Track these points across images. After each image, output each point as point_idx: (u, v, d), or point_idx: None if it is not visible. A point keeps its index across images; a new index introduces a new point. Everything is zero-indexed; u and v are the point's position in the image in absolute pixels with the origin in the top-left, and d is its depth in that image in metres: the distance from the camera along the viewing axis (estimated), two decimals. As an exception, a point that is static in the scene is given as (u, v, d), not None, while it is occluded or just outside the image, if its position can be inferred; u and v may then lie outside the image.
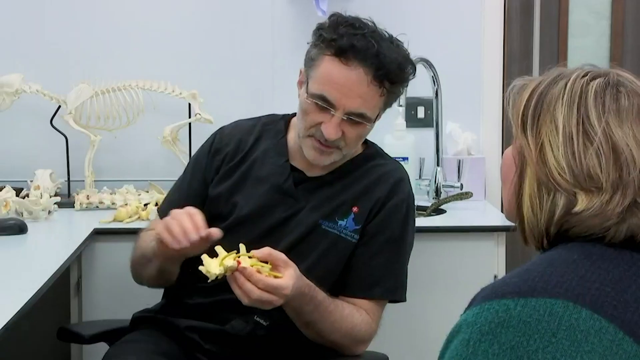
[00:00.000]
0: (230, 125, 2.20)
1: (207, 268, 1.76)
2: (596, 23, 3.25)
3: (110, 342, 2.13)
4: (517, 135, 1.17)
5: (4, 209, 2.57)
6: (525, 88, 1.19)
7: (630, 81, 1.16)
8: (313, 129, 1.99)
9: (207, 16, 3.04)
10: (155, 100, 2.92)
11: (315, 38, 1.99)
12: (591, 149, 1.10)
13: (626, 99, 1.13)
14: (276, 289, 1.77)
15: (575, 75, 1.16)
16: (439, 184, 2.94)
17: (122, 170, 3.01)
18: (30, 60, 3.00)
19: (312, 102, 1.97)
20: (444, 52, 3.02)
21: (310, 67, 1.99)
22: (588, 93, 1.13)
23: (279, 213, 2.04)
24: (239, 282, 1.76)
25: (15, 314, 1.66)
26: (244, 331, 1.99)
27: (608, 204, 1.09)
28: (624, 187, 1.09)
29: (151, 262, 2.01)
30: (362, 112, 1.96)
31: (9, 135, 3.01)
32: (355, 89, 1.94)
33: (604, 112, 1.12)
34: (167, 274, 2.03)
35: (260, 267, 1.78)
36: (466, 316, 1.07)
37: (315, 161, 2.02)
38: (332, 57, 1.95)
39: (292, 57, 3.00)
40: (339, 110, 1.95)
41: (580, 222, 1.10)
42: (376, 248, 2.03)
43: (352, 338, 1.98)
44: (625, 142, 1.10)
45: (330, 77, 1.95)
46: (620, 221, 1.09)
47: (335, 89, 1.94)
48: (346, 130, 1.97)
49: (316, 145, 1.99)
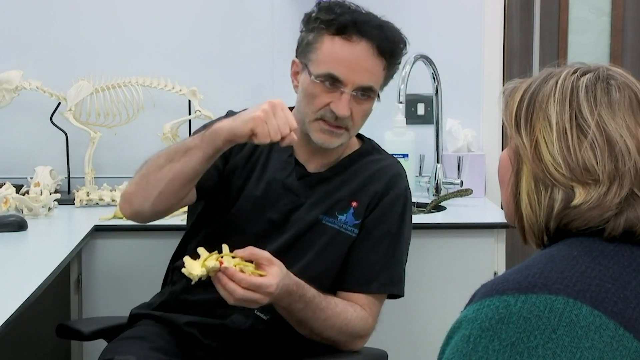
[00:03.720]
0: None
1: (189, 270, 1.75)
2: (596, 19, 3.25)
3: (109, 338, 2.13)
4: (512, 136, 1.18)
5: (4, 205, 2.57)
6: (517, 90, 1.20)
7: (621, 74, 1.18)
8: (322, 110, 1.98)
9: (207, 13, 3.04)
10: (155, 97, 2.92)
11: (310, 22, 2.01)
12: (585, 142, 1.11)
13: (617, 92, 1.14)
14: (260, 287, 1.77)
15: (565, 73, 1.17)
16: (439, 180, 2.94)
17: (122, 167, 3.00)
18: (30, 57, 3.00)
19: (320, 83, 1.97)
20: (444, 48, 3.02)
21: (308, 52, 2.00)
22: (579, 88, 1.14)
23: (280, 208, 2.04)
24: (222, 283, 1.76)
25: (15, 310, 1.66)
26: (244, 326, 1.99)
27: (606, 196, 1.10)
28: (621, 178, 1.10)
29: (194, 149, 1.88)
30: (371, 85, 1.98)
31: (8, 132, 3.01)
32: (362, 63, 1.96)
33: (596, 105, 1.13)
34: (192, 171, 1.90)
35: (243, 267, 1.78)
36: (467, 312, 1.07)
37: (324, 144, 2.01)
38: (332, 36, 1.97)
39: (292, 54, 2.99)
40: (348, 86, 1.96)
41: (579, 215, 1.10)
42: (372, 243, 2.03)
43: (348, 334, 1.98)
44: (618, 133, 1.11)
45: (335, 55, 1.96)
46: (618, 213, 1.09)
47: (343, 65, 1.95)
48: (353, 109, 1.98)
49: (325, 128, 1.99)
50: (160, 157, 1.95)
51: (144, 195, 1.95)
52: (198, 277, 1.75)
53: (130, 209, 2.00)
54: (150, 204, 1.95)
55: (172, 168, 1.91)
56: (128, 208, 2.00)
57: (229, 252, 1.80)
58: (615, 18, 3.23)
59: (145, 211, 1.98)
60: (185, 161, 1.89)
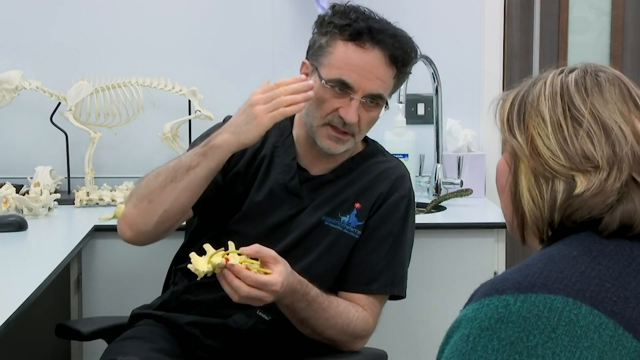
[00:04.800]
0: None
1: (195, 266, 1.76)
2: (596, 19, 3.25)
3: (109, 338, 2.13)
4: (506, 139, 1.19)
5: (4, 205, 2.57)
6: (507, 98, 1.22)
7: (609, 68, 1.19)
8: (330, 115, 1.98)
9: (206, 13, 3.04)
10: (155, 97, 2.93)
11: (324, 26, 2.00)
12: (581, 130, 1.12)
13: (607, 82, 1.16)
14: (265, 285, 1.77)
15: (552, 75, 1.19)
16: (439, 180, 2.94)
17: (122, 167, 3.01)
18: (30, 57, 3.00)
19: (330, 88, 1.97)
20: (444, 48, 3.02)
21: (320, 55, 1.99)
22: (569, 83, 1.16)
23: (284, 211, 2.04)
24: (227, 279, 1.76)
25: (15, 310, 1.66)
26: (245, 326, 1.99)
27: (607, 181, 1.10)
28: (620, 162, 1.11)
29: (196, 167, 1.91)
30: (381, 94, 1.98)
31: (9, 132, 3.01)
32: (374, 70, 1.96)
33: (588, 95, 1.14)
34: (198, 187, 1.93)
35: (249, 264, 1.78)
36: (466, 312, 1.07)
37: (330, 150, 2.01)
38: (346, 41, 1.96)
39: (293, 54, 2.99)
40: (358, 93, 1.96)
41: (582, 203, 1.11)
42: (375, 243, 2.03)
43: (349, 334, 1.99)
44: (613, 119, 1.13)
45: (347, 61, 1.96)
46: (618, 200, 1.10)
47: (354, 71, 1.95)
48: (361, 115, 1.98)
49: (332, 134, 1.99)
50: (159, 176, 1.96)
51: (148, 216, 1.97)
52: (204, 274, 1.75)
53: (132, 231, 2.00)
54: (154, 224, 1.97)
55: (176, 187, 1.93)
56: (128, 230, 2.01)
57: (235, 249, 1.80)
58: (615, 18, 3.23)
59: (148, 231, 1.99)
60: (190, 179, 1.92)
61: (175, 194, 1.93)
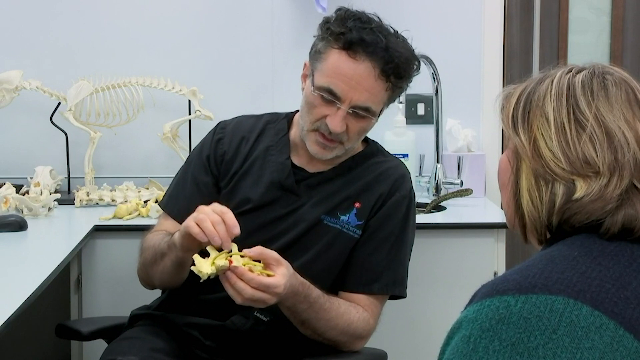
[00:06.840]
0: (232, 121, 2.19)
1: (199, 268, 1.76)
2: (596, 19, 3.25)
3: (108, 338, 2.13)
4: (510, 136, 1.19)
5: (4, 205, 2.57)
6: (513, 94, 1.21)
7: (616, 70, 1.19)
8: (318, 122, 1.98)
9: (207, 13, 3.04)
10: (155, 97, 2.93)
11: (323, 31, 1.99)
12: (584, 135, 1.12)
13: (613, 86, 1.15)
14: (268, 287, 1.77)
15: (560, 73, 1.18)
16: (439, 180, 2.94)
17: (122, 167, 3.01)
18: (30, 56, 3.00)
19: (318, 95, 1.97)
20: (444, 48, 3.02)
21: (316, 60, 1.99)
22: (575, 84, 1.15)
23: (280, 208, 2.04)
24: (231, 281, 1.76)
25: (15, 310, 1.66)
26: (244, 327, 1.99)
27: (607, 187, 1.10)
28: (621, 169, 1.10)
29: (166, 256, 1.96)
30: (368, 106, 1.96)
31: (8, 132, 3.01)
32: (362, 82, 1.94)
33: (593, 98, 1.14)
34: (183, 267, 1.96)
35: (252, 266, 1.78)
36: (467, 313, 1.07)
37: (317, 155, 2.02)
38: (339, 50, 1.95)
39: (292, 54, 3.01)
40: (345, 103, 1.95)
41: (581, 208, 1.10)
42: (375, 244, 2.03)
43: (350, 335, 1.99)
44: (617, 125, 1.12)
45: (337, 70, 1.94)
46: (617, 207, 1.10)
47: (342, 81, 1.94)
48: (350, 125, 1.97)
49: (320, 140, 1.99)
50: (148, 252, 2.04)
51: (149, 283, 2.09)
52: (207, 275, 1.75)
53: (144, 284, 2.12)
54: (158, 286, 2.11)
55: (160, 269, 2.00)
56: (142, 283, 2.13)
57: (238, 251, 1.80)
58: (615, 18, 3.23)
59: (157, 287, 2.12)
60: (165, 265, 1.97)
61: (162, 273, 2.01)
